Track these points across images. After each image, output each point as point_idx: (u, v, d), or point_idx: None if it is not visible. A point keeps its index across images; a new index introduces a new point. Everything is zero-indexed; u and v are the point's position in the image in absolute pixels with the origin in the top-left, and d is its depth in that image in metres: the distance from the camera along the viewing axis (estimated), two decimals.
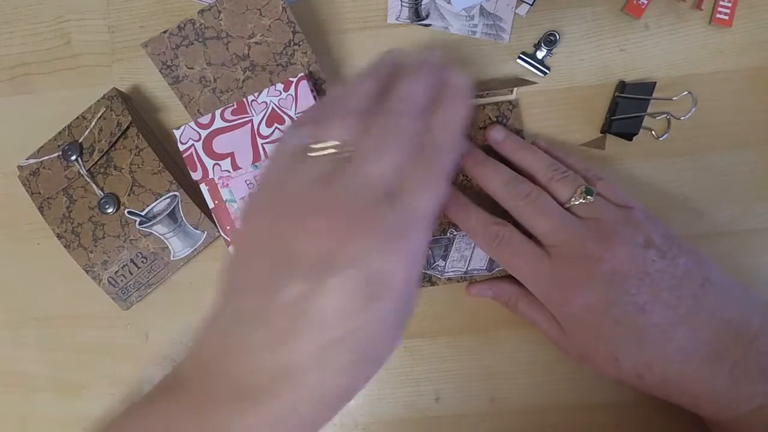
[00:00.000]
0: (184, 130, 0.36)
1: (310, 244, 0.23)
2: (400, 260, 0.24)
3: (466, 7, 0.39)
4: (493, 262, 0.37)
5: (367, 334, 0.23)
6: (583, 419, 0.38)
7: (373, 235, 0.24)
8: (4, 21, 0.43)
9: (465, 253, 0.37)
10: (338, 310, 0.23)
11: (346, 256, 0.23)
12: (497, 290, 0.37)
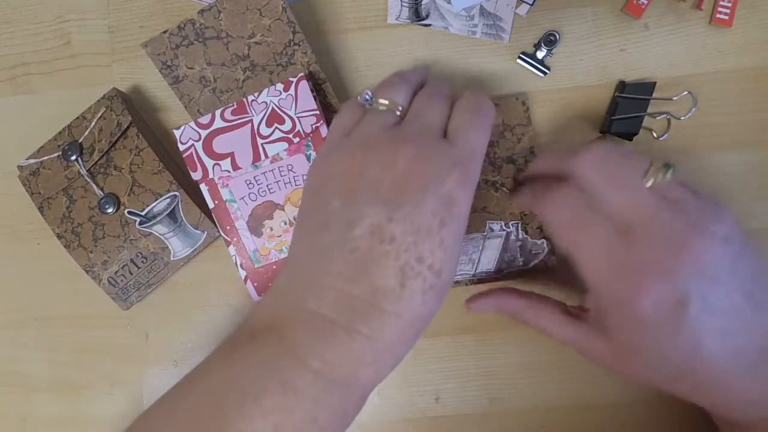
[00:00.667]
0: (184, 130, 0.36)
1: (386, 172, 0.26)
2: (464, 187, 0.26)
3: (466, 7, 0.39)
4: (502, 265, 0.36)
5: (436, 260, 0.25)
6: (583, 419, 0.38)
7: (441, 162, 0.26)
8: (4, 21, 0.43)
9: (473, 256, 0.37)
10: (414, 233, 0.25)
11: (421, 181, 0.25)
12: (501, 304, 0.35)
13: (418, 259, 0.25)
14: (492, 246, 0.36)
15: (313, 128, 0.36)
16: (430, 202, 0.25)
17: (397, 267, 0.25)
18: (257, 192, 0.37)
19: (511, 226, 0.37)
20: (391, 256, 0.25)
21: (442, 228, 0.25)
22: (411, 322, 0.25)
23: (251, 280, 0.37)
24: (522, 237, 0.37)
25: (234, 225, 0.37)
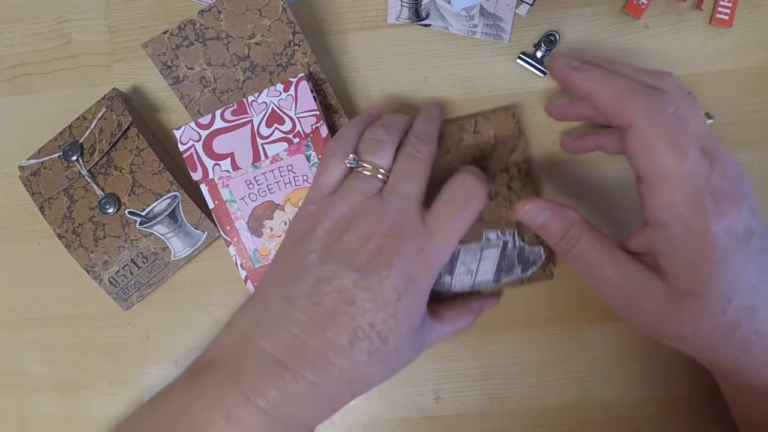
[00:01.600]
0: (184, 130, 0.36)
1: (362, 242, 0.29)
2: (428, 270, 0.30)
3: (466, 7, 0.39)
4: (500, 275, 0.36)
5: (385, 328, 0.28)
6: (583, 419, 0.38)
7: (413, 245, 0.29)
8: (4, 21, 0.43)
9: (471, 266, 0.36)
10: (372, 301, 0.28)
11: (390, 257, 0.29)
12: (556, 214, 0.30)
13: (370, 324, 0.28)
14: (490, 255, 0.36)
15: (313, 128, 0.36)
16: (394, 277, 0.28)
17: (351, 327, 0.28)
18: (257, 192, 0.37)
19: (507, 235, 0.36)
20: (349, 316, 0.28)
21: (398, 302, 0.28)
22: (351, 379, 0.28)
23: (251, 280, 0.37)
24: (519, 245, 0.36)
25: (234, 225, 0.37)
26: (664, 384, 0.38)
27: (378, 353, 0.28)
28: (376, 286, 0.28)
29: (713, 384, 0.37)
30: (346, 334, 0.28)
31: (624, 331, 0.38)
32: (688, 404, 0.37)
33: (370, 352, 0.28)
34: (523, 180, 0.37)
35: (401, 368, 0.30)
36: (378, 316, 0.28)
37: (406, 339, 0.29)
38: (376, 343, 0.28)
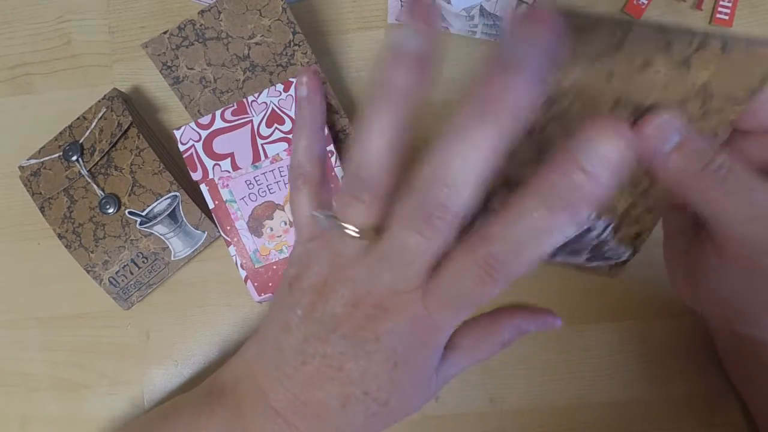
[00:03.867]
0: (184, 130, 0.36)
1: (348, 309, 0.24)
2: (427, 344, 0.25)
3: (466, 7, 0.39)
4: (559, 252, 0.29)
5: (382, 393, 0.25)
6: (583, 419, 0.38)
7: (403, 319, 0.24)
8: (4, 21, 0.43)
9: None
10: (362, 371, 0.25)
11: (384, 330, 0.24)
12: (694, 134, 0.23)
13: (364, 392, 0.25)
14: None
15: None
16: (384, 351, 0.24)
17: (342, 393, 0.25)
18: (257, 192, 0.37)
19: (600, 222, 0.28)
20: (337, 383, 0.25)
21: (394, 369, 0.25)
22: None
23: (251, 280, 0.37)
24: (605, 237, 0.28)
25: (234, 225, 0.37)
26: (664, 384, 0.38)
27: (378, 415, 0.26)
28: (363, 359, 0.24)
29: (713, 384, 0.37)
30: (338, 399, 0.25)
31: (624, 331, 0.38)
32: (688, 404, 0.37)
33: (368, 414, 0.26)
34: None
35: (413, 412, 0.28)
36: (371, 385, 0.25)
37: (412, 392, 0.27)
38: (373, 407, 0.25)
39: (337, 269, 0.25)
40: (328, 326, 0.25)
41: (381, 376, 0.25)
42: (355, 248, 0.24)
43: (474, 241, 0.21)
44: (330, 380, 0.25)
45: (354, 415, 0.26)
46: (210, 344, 0.40)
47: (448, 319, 0.25)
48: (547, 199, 0.20)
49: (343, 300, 0.24)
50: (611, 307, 0.38)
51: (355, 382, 0.25)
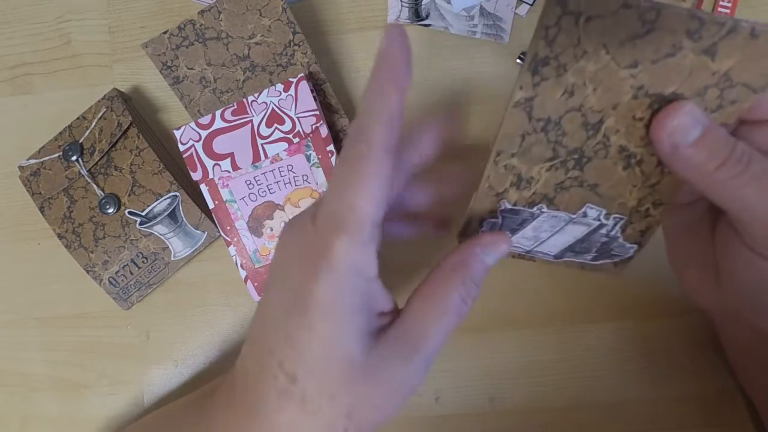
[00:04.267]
0: (184, 130, 0.36)
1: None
2: (382, 408, 0.24)
3: (466, 7, 0.39)
4: (566, 253, 0.29)
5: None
6: (583, 419, 0.38)
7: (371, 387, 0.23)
8: (4, 21, 0.43)
9: (542, 234, 0.28)
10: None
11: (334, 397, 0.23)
12: (715, 125, 0.23)
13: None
14: (571, 232, 0.28)
15: (313, 128, 0.36)
16: (338, 413, 0.23)
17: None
18: (257, 192, 0.37)
19: (611, 219, 0.27)
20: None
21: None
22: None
23: (251, 280, 0.37)
24: (614, 235, 0.28)
25: (234, 225, 0.37)
26: (664, 384, 0.38)
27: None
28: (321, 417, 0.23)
29: (713, 384, 0.37)
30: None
31: (624, 331, 0.38)
32: (688, 404, 0.37)
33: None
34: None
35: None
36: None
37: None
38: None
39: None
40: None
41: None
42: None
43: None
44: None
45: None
46: (210, 344, 0.40)
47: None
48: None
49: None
50: (611, 307, 0.38)
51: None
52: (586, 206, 0.27)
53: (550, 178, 0.25)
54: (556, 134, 0.24)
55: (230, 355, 0.40)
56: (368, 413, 0.23)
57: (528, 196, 0.26)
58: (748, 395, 0.36)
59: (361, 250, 0.22)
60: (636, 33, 0.20)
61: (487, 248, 0.25)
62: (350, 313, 0.22)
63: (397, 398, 0.23)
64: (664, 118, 0.22)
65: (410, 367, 0.23)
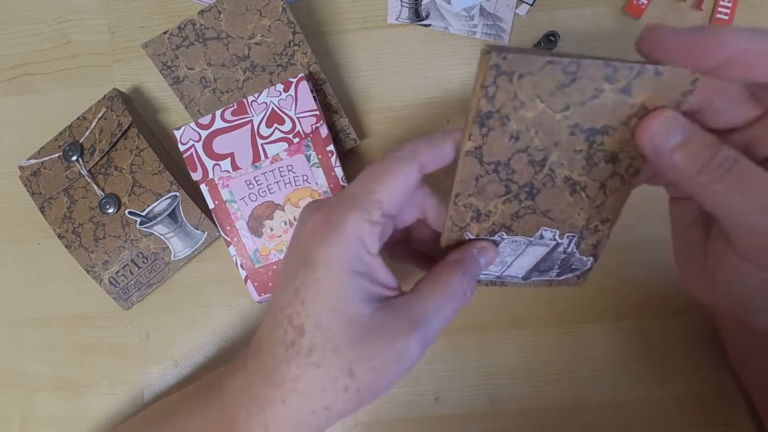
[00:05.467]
0: (184, 130, 0.36)
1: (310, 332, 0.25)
2: (380, 373, 0.25)
3: (466, 7, 0.39)
4: (533, 273, 0.32)
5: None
6: (582, 419, 0.38)
7: (371, 350, 0.24)
8: (4, 21, 0.43)
9: (506, 259, 0.31)
10: (321, 389, 0.24)
11: (338, 358, 0.24)
12: (698, 130, 0.23)
13: (323, 407, 0.25)
14: (533, 253, 0.31)
15: (313, 128, 0.36)
16: (338, 371, 0.25)
17: (304, 409, 0.25)
18: (257, 192, 0.37)
19: (565, 238, 0.30)
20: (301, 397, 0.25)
21: (343, 391, 0.25)
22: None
23: (251, 280, 0.37)
24: (570, 251, 0.31)
25: (234, 225, 0.37)
26: (664, 384, 0.38)
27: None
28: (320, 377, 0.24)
29: (713, 384, 0.37)
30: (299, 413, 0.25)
31: (624, 331, 0.38)
32: (688, 404, 0.37)
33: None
34: (625, 180, 0.28)
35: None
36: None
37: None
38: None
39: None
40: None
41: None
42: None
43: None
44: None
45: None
46: (210, 344, 0.40)
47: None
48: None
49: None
50: (611, 307, 0.38)
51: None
52: (541, 229, 0.30)
53: (506, 210, 0.29)
54: (506, 174, 0.27)
55: (230, 355, 0.40)
56: (367, 374, 0.24)
57: (488, 226, 0.29)
58: (748, 393, 0.36)
59: (369, 229, 0.24)
60: (563, 83, 0.24)
61: (481, 251, 0.28)
62: (354, 273, 0.24)
63: (395, 367, 0.24)
64: (646, 123, 0.24)
65: (410, 338, 0.24)
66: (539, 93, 0.24)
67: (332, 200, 0.26)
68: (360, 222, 0.24)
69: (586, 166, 0.27)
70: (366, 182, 0.25)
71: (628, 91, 0.24)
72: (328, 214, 0.25)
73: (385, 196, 0.25)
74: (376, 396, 0.25)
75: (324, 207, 0.26)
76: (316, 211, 0.26)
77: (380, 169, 0.26)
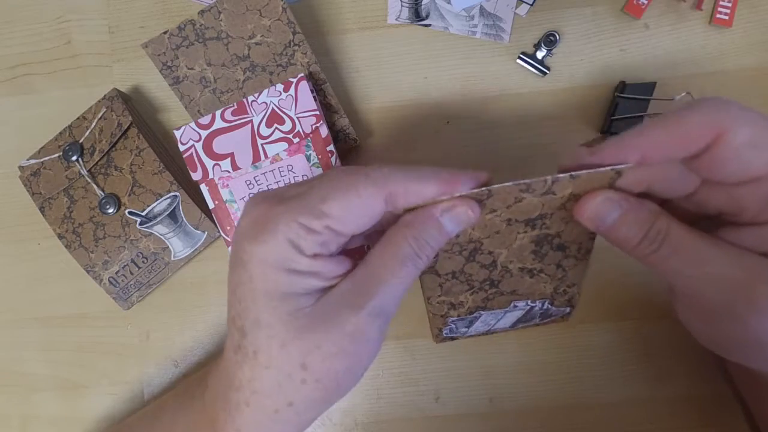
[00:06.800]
0: (184, 130, 0.36)
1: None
2: (338, 358, 0.24)
3: (466, 7, 0.39)
4: (516, 324, 0.35)
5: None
6: (582, 419, 0.38)
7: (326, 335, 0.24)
8: (4, 21, 0.43)
9: (491, 322, 0.34)
10: (277, 386, 0.24)
11: (293, 348, 0.24)
12: (634, 206, 0.24)
13: (284, 406, 0.24)
14: (511, 316, 0.34)
15: (313, 128, 0.36)
16: (291, 365, 0.24)
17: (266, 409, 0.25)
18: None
19: (537, 303, 0.33)
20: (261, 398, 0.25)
21: (300, 384, 0.24)
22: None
23: None
24: (546, 308, 0.34)
25: (234, 225, 0.37)
26: (664, 384, 0.38)
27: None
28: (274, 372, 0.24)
29: (713, 384, 0.37)
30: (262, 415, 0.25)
31: (624, 331, 0.38)
32: (688, 404, 0.37)
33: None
34: (579, 258, 0.29)
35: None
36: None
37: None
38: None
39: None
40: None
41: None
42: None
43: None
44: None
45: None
46: (210, 344, 0.40)
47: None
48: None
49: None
50: (611, 307, 0.38)
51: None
52: (512, 303, 0.33)
53: (476, 298, 0.32)
54: (464, 278, 0.30)
55: None
56: (323, 363, 0.23)
57: (464, 311, 0.33)
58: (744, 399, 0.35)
59: (304, 234, 0.23)
60: (481, 200, 0.24)
61: (445, 210, 0.24)
62: (287, 271, 0.23)
63: (352, 348, 0.23)
64: (582, 204, 0.24)
65: (362, 314, 0.23)
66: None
67: (279, 193, 0.24)
68: (294, 226, 0.23)
69: (537, 258, 0.29)
70: (323, 188, 0.24)
71: (551, 193, 0.25)
72: (264, 211, 0.24)
73: (336, 210, 0.23)
74: (347, 383, 0.24)
75: (265, 202, 0.24)
76: (255, 206, 0.24)
77: (343, 182, 0.24)
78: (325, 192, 0.23)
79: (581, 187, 0.24)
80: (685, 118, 0.23)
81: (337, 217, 0.23)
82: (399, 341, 0.39)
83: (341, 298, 0.24)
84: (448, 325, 0.34)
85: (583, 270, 0.31)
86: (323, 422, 0.39)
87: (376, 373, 0.39)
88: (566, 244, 0.28)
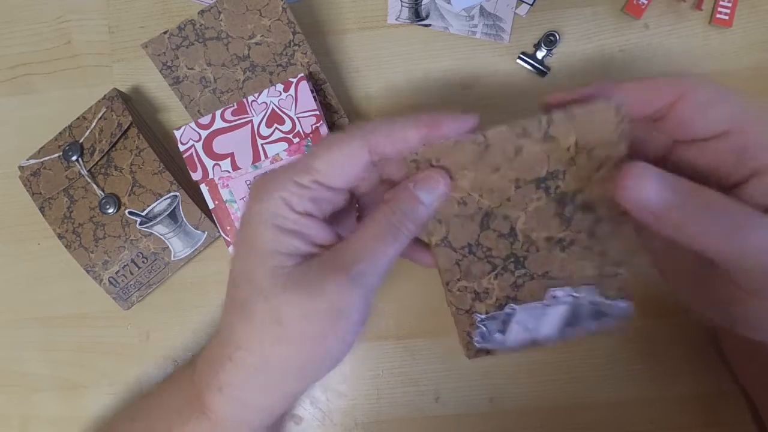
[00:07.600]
0: (184, 130, 0.36)
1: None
2: (314, 323, 0.24)
3: (466, 7, 0.39)
4: (565, 330, 0.29)
5: (276, 368, 0.25)
6: (582, 419, 0.38)
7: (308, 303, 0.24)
8: (4, 21, 0.43)
9: (529, 325, 0.29)
10: (257, 341, 0.25)
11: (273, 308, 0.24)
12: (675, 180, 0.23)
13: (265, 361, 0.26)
14: (554, 313, 0.29)
15: (313, 128, 0.36)
16: (268, 320, 0.25)
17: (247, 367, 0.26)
18: None
19: (582, 291, 0.28)
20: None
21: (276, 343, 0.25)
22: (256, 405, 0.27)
23: None
24: (596, 300, 0.28)
25: (234, 225, 0.37)
26: (664, 384, 0.38)
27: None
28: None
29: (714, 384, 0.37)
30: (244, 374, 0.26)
31: (624, 331, 0.38)
32: (688, 404, 0.37)
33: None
34: (617, 221, 0.26)
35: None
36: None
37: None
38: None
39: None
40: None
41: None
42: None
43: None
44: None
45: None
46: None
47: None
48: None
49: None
50: None
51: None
52: (550, 292, 0.28)
53: (502, 283, 0.28)
54: (483, 252, 0.27)
55: None
56: (299, 322, 0.24)
57: (493, 302, 0.28)
58: (749, 393, 0.36)
59: (294, 189, 0.24)
60: (479, 152, 0.24)
61: (418, 183, 0.25)
62: (275, 227, 0.24)
63: (330, 312, 0.24)
64: (621, 180, 0.23)
65: (342, 281, 0.24)
66: (463, 165, 0.25)
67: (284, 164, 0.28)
68: (285, 182, 0.25)
69: (563, 223, 0.26)
70: (314, 149, 0.26)
71: (550, 138, 0.24)
72: (269, 176, 0.26)
73: (322, 164, 0.24)
74: (322, 351, 0.25)
75: (272, 171, 0.26)
76: (264, 174, 0.26)
77: (331, 139, 0.25)
78: (314, 150, 0.25)
79: (584, 131, 0.23)
80: (653, 79, 0.24)
81: (324, 171, 0.24)
82: (399, 341, 0.39)
83: (322, 266, 0.24)
84: (478, 328, 0.29)
85: (626, 242, 0.26)
86: (323, 422, 0.39)
87: (376, 373, 0.39)
88: (591, 204, 0.25)
